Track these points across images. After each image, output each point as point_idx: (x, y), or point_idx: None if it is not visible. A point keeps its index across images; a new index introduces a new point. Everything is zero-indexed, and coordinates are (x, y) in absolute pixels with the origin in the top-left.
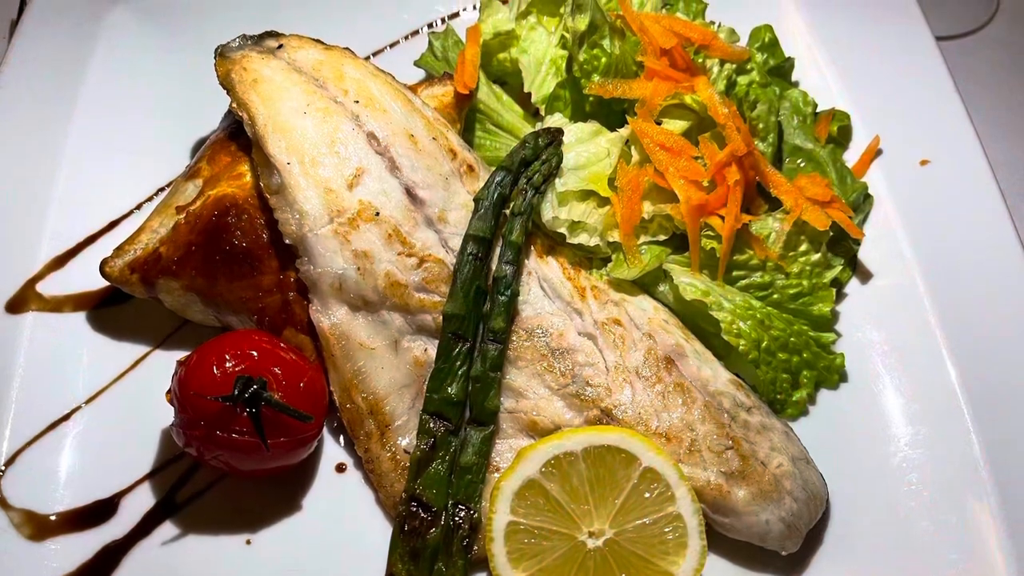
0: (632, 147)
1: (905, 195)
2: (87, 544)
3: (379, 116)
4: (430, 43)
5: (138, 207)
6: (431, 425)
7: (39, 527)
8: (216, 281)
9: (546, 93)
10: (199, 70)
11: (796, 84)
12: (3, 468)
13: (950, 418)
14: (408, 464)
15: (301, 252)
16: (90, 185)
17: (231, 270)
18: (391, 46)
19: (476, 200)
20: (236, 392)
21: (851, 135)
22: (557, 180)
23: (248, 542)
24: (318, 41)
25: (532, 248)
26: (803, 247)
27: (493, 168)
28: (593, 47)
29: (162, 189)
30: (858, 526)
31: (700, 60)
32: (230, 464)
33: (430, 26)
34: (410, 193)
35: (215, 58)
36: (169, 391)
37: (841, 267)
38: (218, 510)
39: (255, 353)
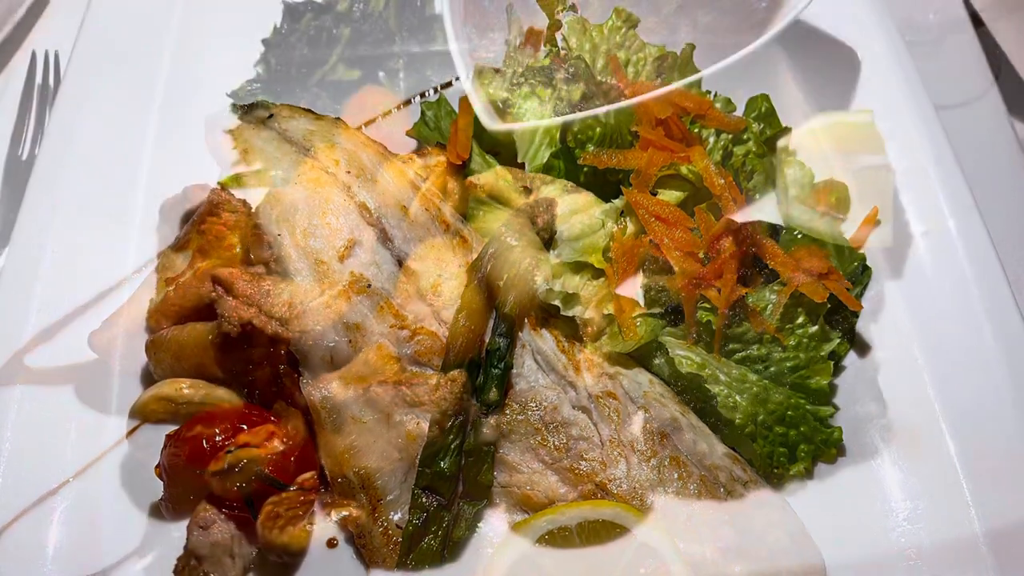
0: (627, 218)
1: (904, 267)
2: None
3: (371, 187)
4: (423, 113)
5: (127, 279)
6: (423, 500)
7: None
8: (205, 353)
9: (540, 163)
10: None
11: (793, 154)
12: None
13: (949, 493)
14: (400, 539)
15: (292, 324)
16: (78, 256)
17: (221, 342)
18: (383, 115)
19: (469, 272)
20: (226, 466)
21: (849, 206)
22: (551, 252)
23: None
24: (308, 111)
25: (526, 320)
26: (800, 319)
27: (486, 239)
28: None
29: (151, 260)
30: None
31: (696, 130)
32: None
33: (422, 95)
34: (402, 265)
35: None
36: (158, 465)
37: (839, 340)
38: None
39: (245, 427)
